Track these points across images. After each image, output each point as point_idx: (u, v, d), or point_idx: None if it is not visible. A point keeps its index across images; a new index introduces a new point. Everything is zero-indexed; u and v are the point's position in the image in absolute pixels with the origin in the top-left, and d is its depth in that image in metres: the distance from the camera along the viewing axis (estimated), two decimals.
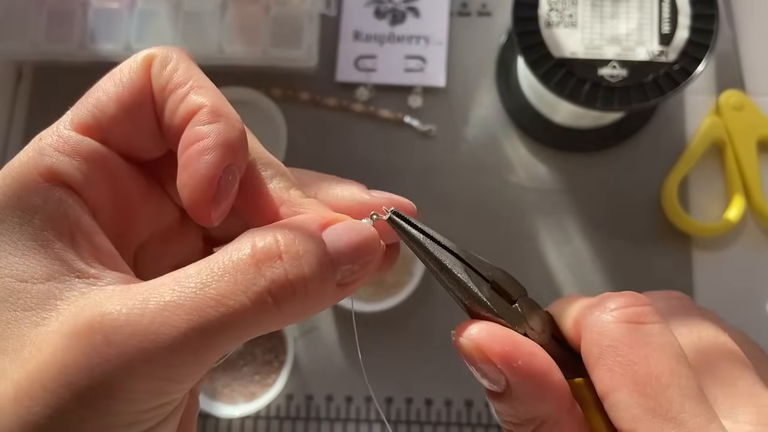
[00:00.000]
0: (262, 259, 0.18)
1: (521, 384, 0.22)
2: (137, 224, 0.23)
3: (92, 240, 0.20)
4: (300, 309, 0.19)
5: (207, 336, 0.17)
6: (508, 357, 0.22)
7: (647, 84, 0.51)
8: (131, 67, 0.22)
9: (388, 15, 0.64)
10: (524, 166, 0.61)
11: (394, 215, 0.23)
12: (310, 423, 0.57)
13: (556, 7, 0.52)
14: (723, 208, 0.58)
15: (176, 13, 0.61)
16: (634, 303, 0.23)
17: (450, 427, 0.56)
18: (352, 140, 0.62)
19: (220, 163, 0.20)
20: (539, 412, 0.22)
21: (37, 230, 0.19)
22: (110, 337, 0.17)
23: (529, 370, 0.22)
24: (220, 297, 0.17)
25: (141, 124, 0.22)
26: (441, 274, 0.24)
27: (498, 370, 0.22)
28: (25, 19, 0.61)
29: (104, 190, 0.21)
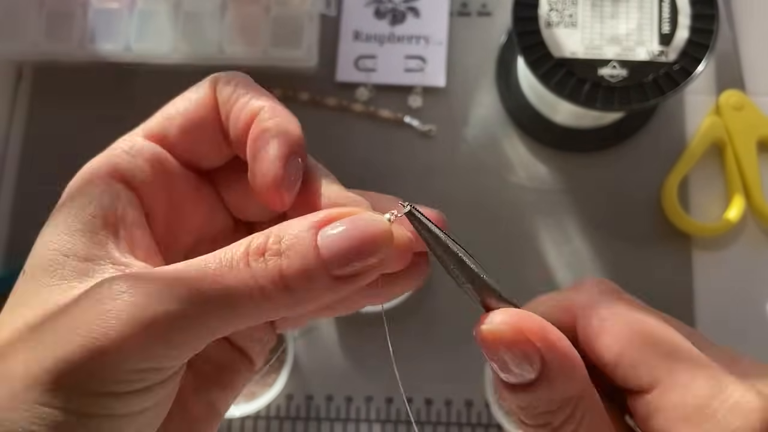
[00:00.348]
0: (252, 254, 0.20)
1: (559, 360, 0.22)
2: (187, 226, 0.25)
3: (133, 234, 0.22)
4: (289, 301, 0.20)
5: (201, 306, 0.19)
6: (545, 333, 0.22)
7: (647, 84, 0.51)
8: (198, 86, 0.25)
9: (388, 15, 0.64)
10: (524, 166, 0.61)
11: (409, 214, 0.24)
12: (310, 423, 0.57)
13: (556, 7, 0.52)
14: (723, 208, 0.58)
15: (176, 14, 0.61)
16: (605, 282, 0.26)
17: (450, 427, 0.56)
18: (352, 140, 0.62)
19: (285, 149, 0.23)
20: (575, 390, 0.22)
21: (88, 216, 0.21)
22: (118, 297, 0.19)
23: (563, 346, 0.22)
24: (216, 274, 0.19)
25: (206, 135, 0.25)
26: (457, 268, 0.24)
27: (535, 350, 0.21)
28: (25, 19, 0.61)
29: (160, 191, 0.24)
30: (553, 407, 0.22)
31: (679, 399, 0.23)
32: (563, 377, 0.22)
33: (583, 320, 0.25)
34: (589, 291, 0.25)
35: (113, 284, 0.19)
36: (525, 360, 0.22)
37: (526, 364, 0.22)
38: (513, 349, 0.22)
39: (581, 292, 0.26)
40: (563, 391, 0.22)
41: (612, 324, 0.24)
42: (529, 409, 0.23)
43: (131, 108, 0.64)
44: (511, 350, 0.22)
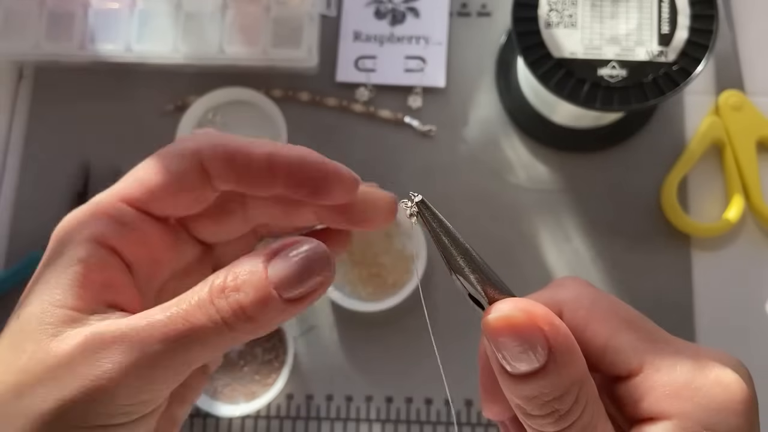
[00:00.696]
0: (214, 293, 0.22)
1: (565, 345, 0.23)
2: (163, 269, 0.28)
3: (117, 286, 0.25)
4: (251, 328, 0.23)
5: (178, 345, 0.22)
6: (551, 318, 0.23)
7: (647, 84, 0.51)
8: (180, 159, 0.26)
9: (388, 15, 0.64)
10: (524, 166, 0.61)
11: (421, 203, 0.25)
12: (311, 422, 0.57)
13: (556, 8, 0.53)
14: (722, 208, 0.59)
15: (177, 14, 0.61)
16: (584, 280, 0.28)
17: (450, 426, 0.56)
18: (352, 140, 0.62)
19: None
20: (579, 373, 0.24)
21: (75, 273, 0.24)
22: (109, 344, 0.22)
23: (565, 330, 0.23)
24: (187, 316, 0.22)
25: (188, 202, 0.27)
26: (462, 259, 0.25)
27: (543, 337, 0.23)
28: (26, 20, 0.61)
29: (141, 248, 0.26)
30: (561, 392, 0.23)
31: (667, 378, 0.25)
32: (569, 360, 0.23)
33: (570, 313, 0.27)
34: (570, 286, 0.27)
35: (105, 335, 0.22)
36: (532, 346, 0.23)
37: (531, 351, 0.23)
38: (522, 336, 0.23)
39: (563, 287, 0.28)
40: (569, 374, 0.23)
41: (598, 313, 0.26)
42: (538, 398, 0.23)
43: (132, 108, 0.64)
44: (519, 337, 0.23)
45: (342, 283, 0.58)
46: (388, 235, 0.59)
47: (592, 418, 0.24)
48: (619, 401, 0.26)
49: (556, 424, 0.24)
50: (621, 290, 0.58)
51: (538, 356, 0.23)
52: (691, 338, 0.57)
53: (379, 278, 0.58)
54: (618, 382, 0.26)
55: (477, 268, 0.25)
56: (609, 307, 0.26)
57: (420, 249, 0.58)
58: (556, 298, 0.27)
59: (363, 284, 0.58)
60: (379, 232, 0.59)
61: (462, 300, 0.57)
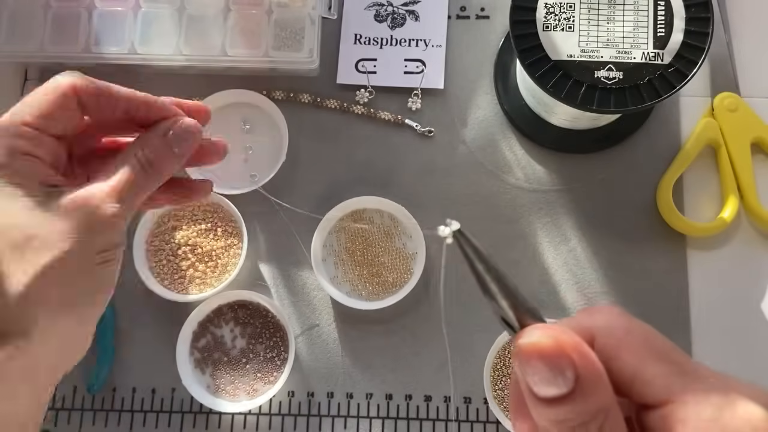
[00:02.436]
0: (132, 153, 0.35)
1: (592, 372, 0.24)
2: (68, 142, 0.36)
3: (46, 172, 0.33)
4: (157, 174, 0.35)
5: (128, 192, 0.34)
6: (580, 346, 0.24)
7: (643, 86, 0.52)
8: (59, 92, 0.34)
9: (388, 18, 0.65)
10: (522, 167, 0.61)
11: (458, 232, 0.26)
12: (312, 419, 0.58)
13: (554, 11, 0.53)
14: (717, 209, 0.59)
15: (180, 16, 0.61)
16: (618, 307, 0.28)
17: (449, 423, 0.57)
18: (352, 141, 0.63)
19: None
20: (606, 400, 0.24)
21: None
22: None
23: (594, 359, 0.24)
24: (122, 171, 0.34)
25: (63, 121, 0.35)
26: (496, 284, 0.26)
27: (571, 364, 0.24)
28: (31, 22, 0.62)
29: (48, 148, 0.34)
30: (587, 419, 0.24)
31: (694, 412, 0.24)
32: (596, 388, 0.24)
33: (602, 339, 0.26)
34: (605, 314, 0.27)
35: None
36: (560, 372, 0.24)
37: (561, 376, 0.24)
38: (551, 362, 0.24)
39: (598, 314, 0.27)
40: (596, 402, 0.24)
41: (629, 342, 0.26)
42: (564, 422, 0.24)
43: None
44: (548, 363, 0.24)
45: (342, 283, 0.59)
46: (388, 235, 0.59)
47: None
48: (645, 430, 0.26)
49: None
50: (617, 290, 0.59)
51: (566, 382, 0.24)
52: (687, 336, 0.57)
53: (379, 277, 0.59)
54: (646, 411, 0.26)
55: (510, 294, 0.26)
56: (641, 336, 0.26)
57: (420, 249, 0.58)
58: (589, 324, 0.27)
59: (363, 283, 0.59)
60: (379, 231, 0.60)
61: (462, 299, 0.58)
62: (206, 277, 0.59)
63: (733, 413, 0.24)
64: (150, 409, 0.59)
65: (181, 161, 0.36)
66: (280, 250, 0.61)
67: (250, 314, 0.59)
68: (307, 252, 0.59)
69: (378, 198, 0.59)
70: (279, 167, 0.59)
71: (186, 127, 0.36)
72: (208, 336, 0.59)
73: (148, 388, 0.59)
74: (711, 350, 0.57)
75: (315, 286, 0.60)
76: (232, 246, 0.59)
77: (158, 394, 0.59)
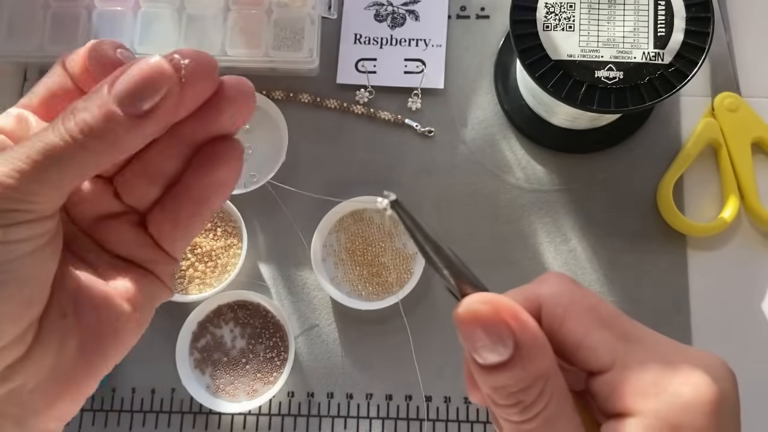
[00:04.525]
0: (64, 116, 0.24)
1: (531, 339, 0.24)
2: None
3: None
4: (102, 146, 0.24)
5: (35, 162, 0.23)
6: (517, 313, 0.24)
7: (643, 86, 0.52)
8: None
9: (388, 18, 0.65)
10: (522, 167, 0.61)
11: (395, 202, 0.26)
12: (311, 420, 0.58)
13: (554, 11, 0.53)
14: (718, 209, 0.59)
15: (179, 16, 0.61)
16: (567, 276, 0.28)
17: (449, 423, 0.57)
18: (352, 141, 0.63)
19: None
20: (545, 368, 0.25)
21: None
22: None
23: (533, 326, 0.25)
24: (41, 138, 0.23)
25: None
26: (436, 255, 0.26)
27: (509, 330, 0.24)
28: (31, 22, 0.62)
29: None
30: (526, 385, 0.24)
31: (635, 375, 0.25)
32: (534, 355, 0.24)
33: (548, 308, 0.27)
34: (552, 283, 0.28)
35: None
36: (498, 339, 0.24)
37: (500, 343, 0.24)
38: (488, 329, 0.24)
39: (545, 283, 0.28)
40: (535, 368, 0.24)
41: (574, 310, 0.27)
42: (504, 388, 0.25)
43: None
44: (486, 330, 0.24)
45: (342, 283, 0.59)
46: (388, 235, 0.59)
47: (556, 411, 0.25)
48: (593, 396, 0.27)
49: (521, 414, 0.25)
50: (617, 290, 0.59)
51: (505, 349, 0.24)
52: (687, 336, 0.57)
53: (380, 277, 0.59)
54: (593, 378, 0.26)
55: (449, 264, 0.26)
56: (587, 304, 0.27)
57: None
58: (537, 293, 0.28)
59: (363, 284, 0.59)
60: (379, 232, 0.60)
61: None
62: (206, 277, 0.59)
63: (674, 375, 0.25)
64: (150, 410, 0.59)
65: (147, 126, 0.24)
66: (280, 250, 0.61)
67: (250, 314, 0.59)
68: (307, 252, 0.59)
69: (378, 198, 0.59)
70: (279, 167, 0.59)
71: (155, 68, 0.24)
72: (207, 336, 0.59)
73: (148, 388, 0.59)
74: (711, 350, 0.57)
75: (315, 287, 0.60)
76: (232, 246, 0.59)
77: (158, 395, 0.59)
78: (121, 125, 0.23)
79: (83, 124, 0.23)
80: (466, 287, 0.26)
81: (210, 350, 0.58)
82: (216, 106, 0.26)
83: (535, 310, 0.27)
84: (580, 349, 0.26)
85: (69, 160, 0.23)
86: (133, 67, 0.24)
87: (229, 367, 0.58)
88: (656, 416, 0.24)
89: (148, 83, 0.23)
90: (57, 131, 0.23)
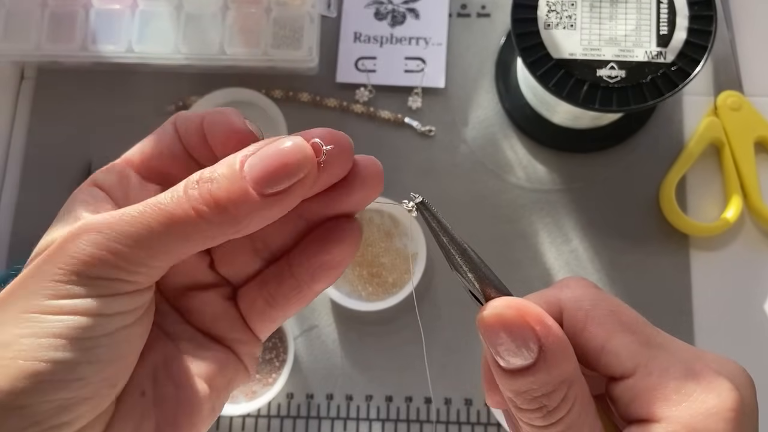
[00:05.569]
0: (189, 185, 0.22)
1: (555, 344, 0.24)
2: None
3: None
4: (227, 220, 0.22)
5: (151, 230, 0.22)
6: (543, 318, 0.24)
7: (645, 85, 0.51)
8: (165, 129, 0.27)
9: (388, 16, 0.64)
10: (523, 166, 0.61)
11: (421, 204, 0.26)
12: (311, 421, 0.57)
13: (555, 9, 0.53)
14: (721, 208, 0.59)
15: (178, 15, 0.61)
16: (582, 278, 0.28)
17: (450, 425, 0.57)
18: (352, 141, 0.62)
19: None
20: (569, 372, 0.24)
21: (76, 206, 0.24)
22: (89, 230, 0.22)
23: (557, 330, 0.24)
24: (159, 205, 0.22)
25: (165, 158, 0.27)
26: (461, 258, 0.26)
27: (534, 335, 0.24)
28: (28, 21, 0.61)
29: (121, 192, 0.26)
30: (550, 389, 0.24)
31: (658, 382, 0.25)
32: (559, 359, 0.24)
33: (569, 313, 0.27)
34: (573, 287, 0.27)
35: (87, 223, 0.22)
36: (523, 344, 0.24)
37: (524, 348, 0.24)
38: (513, 332, 0.24)
39: (566, 288, 0.27)
40: (559, 372, 0.24)
41: (596, 315, 0.26)
42: (527, 393, 0.24)
43: (133, 109, 0.64)
44: (511, 333, 0.24)
45: (342, 283, 0.59)
46: (388, 235, 0.59)
47: (580, 417, 0.25)
48: (614, 402, 0.26)
49: (544, 419, 0.25)
50: (619, 289, 0.58)
51: (530, 353, 0.24)
52: (690, 337, 0.57)
53: (379, 278, 0.58)
54: (614, 383, 0.26)
55: (474, 267, 0.26)
56: (609, 309, 0.26)
57: (420, 249, 0.58)
58: (558, 297, 0.27)
59: (363, 284, 0.58)
60: (379, 232, 0.59)
61: (463, 299, 0.57)
62: None
63: (697, 382, 0.25)
64: None
65: (277, 208, 0.23)
66: None
67: None
68: None
69: (377, 198, 0.58)
70: None
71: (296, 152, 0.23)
72: None
73: None
74: (714, 350, 0.56)
75: None
76: None
77: None
78: (251, 203, 0.22)
79: (209, 197, 0.22)
80: (491, 291, 0.26)
81: None
82: (347, 186, 0.26)
83: (556, 314, 0.27)
84: (602, 354, 0.26)
85: (187, 232, 0.22)
86: (272, 147, 0.23)
87: None
88: (680, 423, 0.24)
89: (288, 168, 0.22)
90: (177, 200, 0.22)
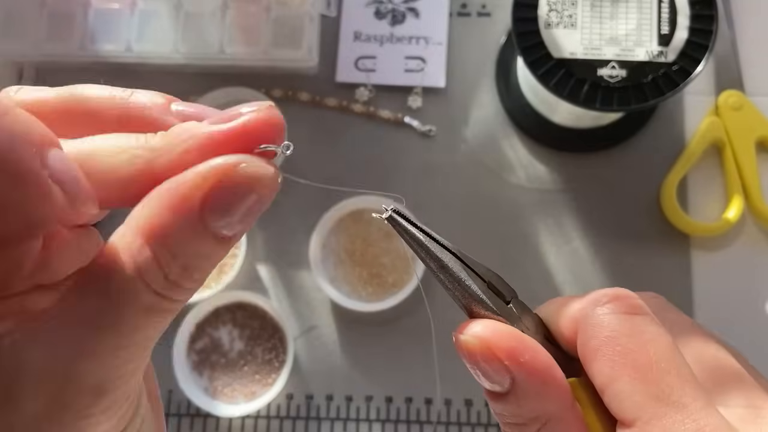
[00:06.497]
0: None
1: (527, 380, 0.22)
2: None
3: None
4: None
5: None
6: (515, 352, 0.22)
7: (646, 84, 0.51)
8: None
9: (388, 15, 0.64)
10: (523, 166, 0.61)
11: (394, 214, 0.24)
12: (311, 422, 0.57)
13: (556, 8, 0.53)
14: (722, 208, 0.59)
15: (177, 14, 0.61)
16: (626, 296, 0.24)
17: (450, 426, 0.56)
18: (352, 140, 0.62)
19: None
20: (544, 410, 0.22)
21: None
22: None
23: (534, 365, 0.22)
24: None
25: None
26: (440, 273, 0.24)
27: (504, 368, 0.22)
28: (26, 20, 0.61)
29: None
30: (522, 421, 0.23)
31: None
32: (535, 395, 0.22)
33: (583, 337, 0.24)
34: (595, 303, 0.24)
35: None
36: (495, 373, 0.22)
37: (497, 377, 0.22)
38: (482, 364, 0.23)
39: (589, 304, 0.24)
40: (531, 409, 0.23)
41: (607, 350, 0.23)
42: (501, 416, 0.24)
43: None
44: (482, 363, 0.23)
45: (342, 284, 0.59)
46: (388, 235, 0.59)
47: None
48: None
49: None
50: None
51: (503, 382, 0.22)
52: None
53: (379, 278, 0.58)
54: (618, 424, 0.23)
55: (454, 282, 0.24)
56: (625, 346, 0.23)
57: None
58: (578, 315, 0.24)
59: (363, 284, 0.58)
60: (379, 232, 0.59)
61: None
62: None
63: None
64: None
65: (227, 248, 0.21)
66: (279, 250, 0.60)
67: (249, 316, 0.58)
68: (306, 252, 0.58)
69: (378, 198, 0.58)
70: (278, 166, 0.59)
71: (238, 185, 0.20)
72: (205, 338, 0.58)
73: None
74: None
75: (314, 287, 0.59)
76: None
77: None
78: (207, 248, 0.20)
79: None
80: (473, 306, 0.24)
81: (208, 352, 0.58)
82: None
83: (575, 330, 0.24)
84: (605, 394, 0.23)
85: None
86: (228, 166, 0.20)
87: (227, 369, 0.58)
88: None
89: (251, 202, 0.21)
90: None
